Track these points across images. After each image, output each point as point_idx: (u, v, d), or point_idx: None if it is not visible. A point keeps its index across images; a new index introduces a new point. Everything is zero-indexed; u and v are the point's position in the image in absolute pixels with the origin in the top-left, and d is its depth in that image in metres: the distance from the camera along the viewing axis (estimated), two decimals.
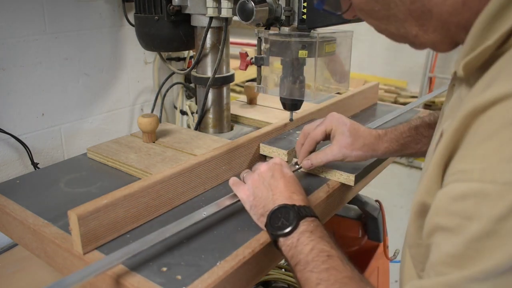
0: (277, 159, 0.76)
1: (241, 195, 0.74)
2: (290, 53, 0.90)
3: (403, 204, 3.06)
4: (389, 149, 0.85)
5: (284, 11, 0.87)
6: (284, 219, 0.64)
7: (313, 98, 0.98)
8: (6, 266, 0.93)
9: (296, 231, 0.62)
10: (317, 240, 0.61)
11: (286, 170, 0.74)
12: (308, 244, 0.60)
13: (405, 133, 0.86)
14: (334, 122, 0.86)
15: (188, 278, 0.60)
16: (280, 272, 1.31)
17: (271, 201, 0.68)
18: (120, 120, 1.39)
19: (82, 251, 0.65)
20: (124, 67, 1.35)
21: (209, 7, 1.04)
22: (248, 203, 0.72)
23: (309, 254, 0.59)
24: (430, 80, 3.67)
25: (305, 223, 0.63)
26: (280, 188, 0.69)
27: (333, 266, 0.57)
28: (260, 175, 0.72)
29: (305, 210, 0.65)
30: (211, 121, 1.18)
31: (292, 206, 0.65)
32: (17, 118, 1.10)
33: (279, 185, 0.70)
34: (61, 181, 0.90)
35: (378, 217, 1.44)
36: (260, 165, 0.75)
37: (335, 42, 0.92)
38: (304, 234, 0.62)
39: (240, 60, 1.02)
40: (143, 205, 0.73)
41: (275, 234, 0.64)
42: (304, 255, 0.59)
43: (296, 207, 0.65)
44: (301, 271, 0.59)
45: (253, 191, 0.72)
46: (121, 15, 1.29)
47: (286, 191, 0.69)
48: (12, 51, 1.05)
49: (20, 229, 0.77)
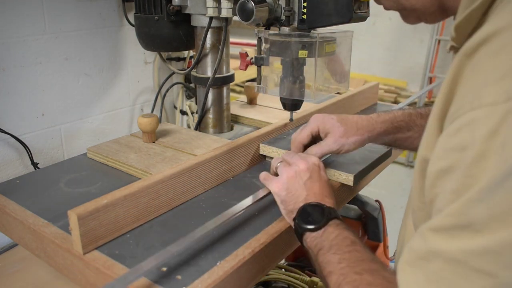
0: (316, 159, 0.77)
1: (274, 188, 0.74)
2: (290, 53, 0.90)
3: (403, 204, 3.06)
4: (384, 129, 0.85)
5: (284, 11, 0.87)
6: (314, 215, 0.66)
7: (313, 98, 0.98)
8: (6, 266, 0.93)
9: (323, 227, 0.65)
10: (342, 230, 0.63)
11: (323, 173, 0.76)
12: (333, 232, 0.63)
13: (399, 117, 0.86)
14: (319, 121, 0.86)
15: (188, 278, 0.60)
16: (280, 272, 1.31)
17: (303, 200, 0.70)
18: (120, 120, 1.39)
19: (82, 251, 0.65)
20: (124, 67, 1.35)
21: (209, 7, 1.04)
22: (280, 197, 0.73)
23: (334, 239, 0.62)
24: (430, 80, 3.67)
25: (332, 221, 0.65)
26: (315, 190, 0.71)
27: (356, 249, 0.59)
28: (298, 173, 0.73)
29: (335, 212, 0.67)
30: (211, 121, 1.18)
31: (322, 206, 0.68)
32: (17, 118, 1.10)
33: (314, 187, 0.72)
34: (61, 181, 0.90)
35: (378, 217, 1.44)
36: (298, 161, 0.75)
37: (335, 42, 0.92)
38: (331, 226, 0.64)
39: (240, 60, 1.02)
40: (143, 205, 0.73)
41: (303, 227, 0.66)
42: (329, 241, 0.62)
43: (327, 207, 0.67)
44: (323, 254, 0.61)
45: (287, 187, 0.72)
46: (121, 15, 1.29)
47: (320, 194, 0.71)
48: (12, 51, 1.05)
49: (20, 229, 0.77)
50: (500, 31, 0.42)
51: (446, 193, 0.42)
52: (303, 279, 1.28)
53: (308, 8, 0.85)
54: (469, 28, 0.49)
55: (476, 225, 0.38)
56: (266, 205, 0.80)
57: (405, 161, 3.67)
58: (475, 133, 0.39)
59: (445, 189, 0.42)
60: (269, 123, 1.13)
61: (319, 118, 0.86)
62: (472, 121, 0.39)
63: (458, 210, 0.39)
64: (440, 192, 0.43)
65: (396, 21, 3.86)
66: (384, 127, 0.85)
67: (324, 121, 0.85)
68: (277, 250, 0.73)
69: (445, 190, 0.42)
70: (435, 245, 0.42)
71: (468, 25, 0.49)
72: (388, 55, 4.03)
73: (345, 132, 0.83)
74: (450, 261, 0.40)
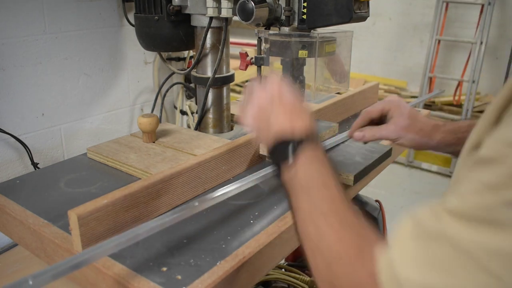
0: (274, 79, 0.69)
1: (247, 129, 0.71)
2: (290, 53, 0.90)
3: (403, 204, 3.06)
4: (444, 140, 0.84)
5: (284, 11, 0.87)
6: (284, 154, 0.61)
7: (313, 98, 0.98)
8: (6, 266, 0.93)
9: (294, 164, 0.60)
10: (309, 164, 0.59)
11: (285, 92, 0.67)
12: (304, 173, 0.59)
13: (464, 128, 0.84)
14: (393, 103, 0.86)
15: (188, 278, 0.60)
16: (280, 272, 1.31)
17: (271, 135, 0.64)
18: (120, 120, 1.39)
19: (82, 251, 0.65)
20: (124, 67, 1.35)
21: (209, 7, 1.04)
22: (256, 140, 0.73)
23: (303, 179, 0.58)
24: (430, 80, 3.67)
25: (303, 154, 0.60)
26: (280, 119, 0.64)
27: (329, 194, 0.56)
28: (259, 106, 0.68)
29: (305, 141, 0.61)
30: (211, 121, 1.18)
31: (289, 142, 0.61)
32: (17, 118, 1.10)
33: (279, 117, 0.65)
34: (61, 181, 0.90)
35: (378, 217, 1.44)
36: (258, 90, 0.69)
37: (335, 42, 0.92)
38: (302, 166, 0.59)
39: (240, 60, 1.02)
40: (143, 205, 0.73)
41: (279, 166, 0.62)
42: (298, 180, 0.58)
43: (296, 142, 0.61)
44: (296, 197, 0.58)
45: (256, 126, 0.68)
46: (121, 15, 1.29)
47: (285, 120, 0.64)
48: (12, 51, 1.05)
49: (20, 229, 0.77)
50: None
51: (479, 182, 0.40)
52: (303, 279, 1.28)
53: (308, 8, 0.86)
54: None
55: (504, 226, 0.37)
56: (266, 205, 0.80)
57: (405, 161, 3.67)
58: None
59: (479, 178, 0.40)
60: None
61: (394, 102, 0.87)
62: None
63: (490, 206, 0.38)
64: (472, 177, 0.41)
65: (396, 21, 3.86)
66: (445, 138, 0.84)
67: (397, 106, 0.86)
68: (277, 250, 0.73)
69: (479, 179, 0.40)
70: (450, 229, 0.40)
71: None
72: (388, 55, 4.03)
73: (408, 126, 0.83)
74: (460, 250, 0.38)
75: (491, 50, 3.44)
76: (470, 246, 0.38)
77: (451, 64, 3.72)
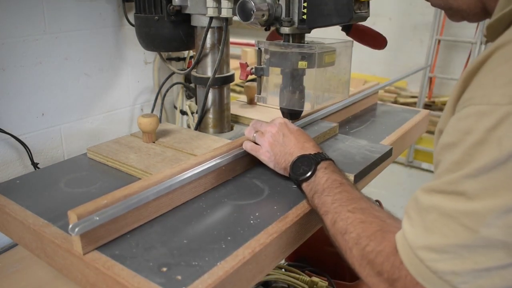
0: (280, 119, 0.90)
1: (263, 158, 0.88)
2: (289, 63, 0.90)
3: (403, 204, 3.06)
4: None
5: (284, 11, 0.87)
6: (304, 166, 0.78)
7: (313, 109, 0.98)
8: (6, 266, 0.93)
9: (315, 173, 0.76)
10: (330, 173, 0.75)
11: (291, 126, 0.88)
12: (323, 177, 0.75)
13: None
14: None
15: (188, 278, 0.60)
16: (280, 272, 1.32)
17: (289, 155, 0.83)
18: (120, 120, 1.38)
19: (82, 251, 0.65)
20: (124, 67, 1.35)
21: (209, 7, 1.04)
22: (271, 162, 0.87)
23: (325, 183, 0.73)
24: (430, 80, 3.67)
25: (320, 165, 0.77)
26: (293, 142, 0.84)
27: (345, 189, 0.71)
28: (273, 137, 0.86)
29: (319, 155, 0.79)
30: (211, 121, 1.18)
31: (307, 156, 0.79)
32: (17, 118, 1.10)
33: (291, 141, 0.84)
34: (61, 181, 0.90)
35: None
36: (267, 127, 0.89)
37: (335, 53, 0.92)
38: (320, 171, 0.76)
39: (240, 70, 1.02)
40: (143, 205, 0.73)
41: (298, 179, 0.78)
42: (321, 185, 0.74)
43: (312, 155, 0.79)
44: (318, 197, 0.73)
45: (272, 152, 0.86)
46: (121, 15, 1.29)
47: (298, 143, 0.83)
48: (12, 51, 1.05)
49: (20, 229, 0.77)
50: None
51: (447, 162, 0.53)
52: (303, 279, 1.28)
53: (308, 8, 0.86)
54: (501, 28, 0.56)
55: (469, 193, 0.49)
56: (266, 205, 0.80)
57: (405, 161, 3.67)
58: (479, 123, 0.49)
59: (447, 159, 0.53)
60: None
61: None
62: (479, 113, 0.49)
63: (456, 180, 0.51)
64: (442, 160, 0.54)
65: (396, 21, 3.86)
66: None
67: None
68: (277, 250, 0.73)
69: (447, 160, 0.53)
70: (435, 201, 0.53)
71: (500, 26, 0.56)
72: (388, 55, 4.03)
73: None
74: (443, 215, 0.52)
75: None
76: (450, 211, 0.51)
77: (451, 64, 3.72)
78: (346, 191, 0.70)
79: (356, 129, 1.21)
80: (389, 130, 1.21)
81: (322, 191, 0.72)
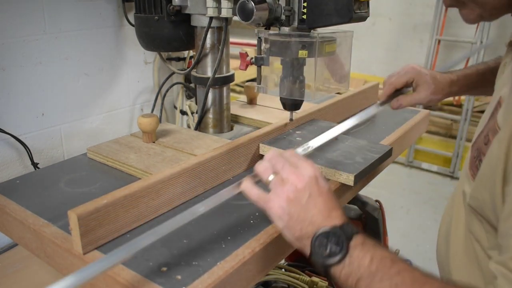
0: (311, 169, 0.64)
1: (273, 212, 0.63)
2: (290, 53, 0.89)
3: (403, 204, 3.06)
4: (459, 92, 1.06)
5: (284, 11, 0.87)
6: (332, 244, 0.58)
7: (313, 98, 0.97)
8: (6, 266, 0.93)
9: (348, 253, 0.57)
10: (373, 249, 0.57)
11: (322, 183, 0.64)
12: (365, 256, 0.57)
13: (474, 79, 1.03)
14: (415, 73, 1.02)
15: (188, 278, 0.60)
16: (280, 272, 1.32)
17: (309, 224, 0.61)
18: (120, 120, 1.38)
19: (82, 251, 0.65)
20: (124, 67, 1.35)
21: (209, 7, 1.04)
22: (282, 222, 0.62)
23: (371, 265, 0.56)
24: None
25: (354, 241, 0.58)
26: (318, 209, 0.62)
27: (403, 268, 0.55)
28: (296, 192, 0.62)
29: (349, 227, 0.60)
30: (211, 121, 1.18)
31: (336, 230, 0.59)
32: (17, 118, 1.10)
33: (316, 206, 0.62)
34: (61, 181, 0.90)
35: (378, 217, 1.44)
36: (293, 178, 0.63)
37: (335, 42, 0.92)
38: (356, 249, 0.57)
39: (240, 60, 1.02)
40: (143, 205, 0.73)
41: (327, 264, 0.58)
42: (366, 267, 0.56)
43: (339, 228, 0.59)
44: (368, 285, 0.56)
45: (288, 211, 0.62)
46: (121, 15, 1.29)
47: (324, 209, 0.62)
48: (12, 51, 1.05)
49: (20, 229, 0.77)
50: None
51: None
52: (303, 279, 1.28)
53: (308, 8, 0.85)
54: None
55: None
56: None
57: (405, 161, 3.67)
58: None
59: None
60: (269, 123, 1.13)
61: (415, 71, 1.02)
62: None
63: None
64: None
65: (396, 21, 3.86)
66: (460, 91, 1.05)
67: (419, 74, 1.01)
68: (277, 250, 0.73)
69: None
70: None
71: None
72: (388, 55, 4.03)
73: (434, 90, 1.01)
74: None
75: (491, 50, 3.44)
76: None
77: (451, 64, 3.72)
78: (404, 270, 0.55)
79: (356, 129, 1.21)
80: (389, 130, 1.21)
81: (371, 276, 0.55)
